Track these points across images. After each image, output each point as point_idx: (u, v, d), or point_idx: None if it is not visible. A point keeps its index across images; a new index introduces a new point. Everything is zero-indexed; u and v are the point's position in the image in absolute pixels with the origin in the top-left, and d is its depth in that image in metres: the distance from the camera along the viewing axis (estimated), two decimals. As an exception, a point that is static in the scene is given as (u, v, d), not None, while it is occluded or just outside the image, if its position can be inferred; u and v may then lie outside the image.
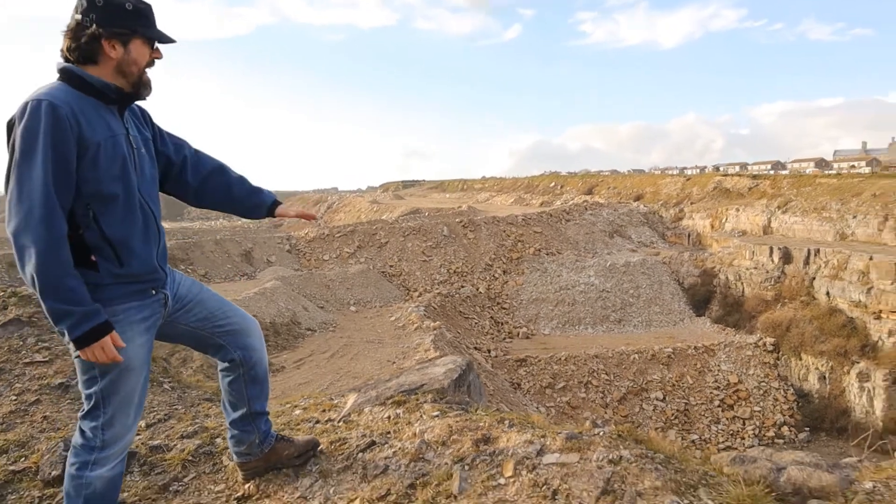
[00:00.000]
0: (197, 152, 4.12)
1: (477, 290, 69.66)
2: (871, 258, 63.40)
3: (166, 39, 3.56)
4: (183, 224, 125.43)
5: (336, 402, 5.66)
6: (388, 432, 4.69)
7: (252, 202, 4.23)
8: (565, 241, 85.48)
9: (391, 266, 70.34)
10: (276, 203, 4.25)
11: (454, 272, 72.46)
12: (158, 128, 3.93)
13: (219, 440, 4.96)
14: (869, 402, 57.88)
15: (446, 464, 4.16)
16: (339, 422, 5.09)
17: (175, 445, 4.90)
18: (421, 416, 4.85)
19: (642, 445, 4.51)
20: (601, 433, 4.49)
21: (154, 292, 3.69)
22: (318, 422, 5.22)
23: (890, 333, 59.24)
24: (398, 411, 4.99)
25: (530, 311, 69.68)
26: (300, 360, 34.12)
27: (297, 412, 5.56)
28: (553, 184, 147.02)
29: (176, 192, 4.09)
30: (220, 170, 4.16)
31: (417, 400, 5.18)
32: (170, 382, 6.65)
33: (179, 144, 4.04)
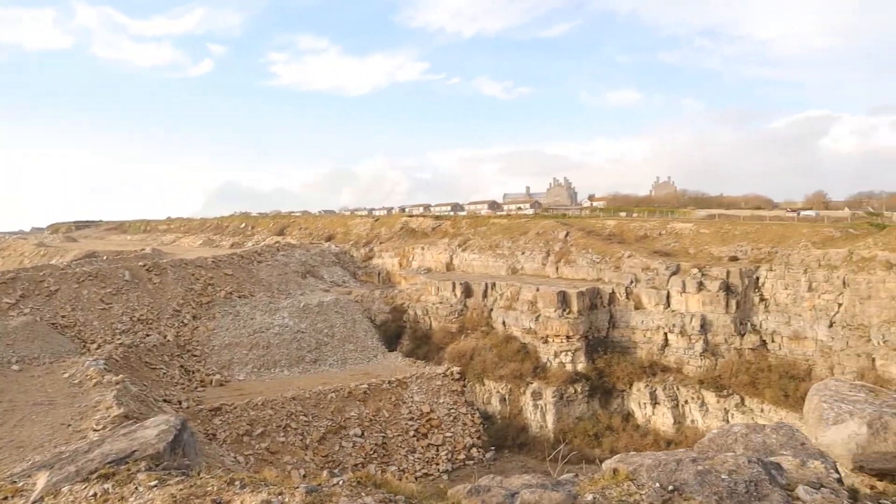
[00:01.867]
0: None
1: (164, 337, 65.17)
2: (537, 289, 71.19)
3: None
4: None
5: (21, 484, 4.57)
6: (97, 514, 3.87)
7: None
8: (258, 283, 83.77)
9: (63, 316, 62.93)
10: None
11: (138, 320, 67.05)
12: None
13: None
14: (542, 417, 64.37)
15: (175, 540, 3.51)
16: (28, 509, 4.10)
17: None
18: (136, 488, 4.09)
19: (383, 489, 4.28)
20: (340, 482, 4.19)
21: None
22: (-2, 513, 4.16)
23: (556, 355, 66.66)
24: (107, 486, 4.15)
25: (224, 357, 66.74)
26: (-55, 433, 28.85)
27: (-34, 505, 4.40)
28: (244, 224, 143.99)
29: None
30: None
31: (129, 470, 4.37)
32: None
33: None
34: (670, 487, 5.47)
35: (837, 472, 6.11)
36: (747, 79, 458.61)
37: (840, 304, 57.95)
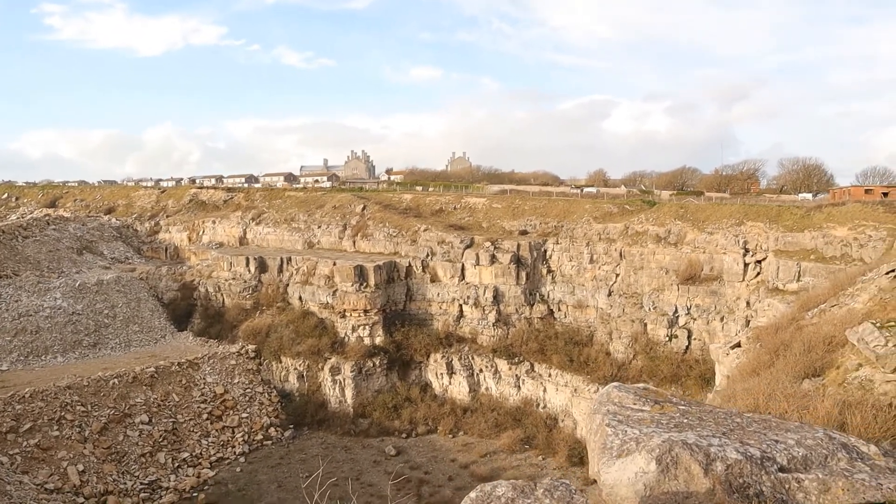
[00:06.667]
0: None
1: None
2: (334, 263, 70.21)
3: None
4: None
5: None
6: None
7: None
8: (24, 261, 75.50)
9: None
10: None
11: None
12: None
13: None
14: (341, 392, 63.86)
15: None
16: None
17: None
18: None
19: None
20: None
21: None
22: None
23: (354, 329, 66.28)
24: None
25: (-18, 345, 59.62)
26: None
27: None
28: (6, 195, 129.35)
29: None
30: None
31: None
32: None
33: None
34: None
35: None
36: (542, 62, 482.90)
37: (617, 275, 62.67)
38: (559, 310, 66.28)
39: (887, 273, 16.68)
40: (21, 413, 46.92)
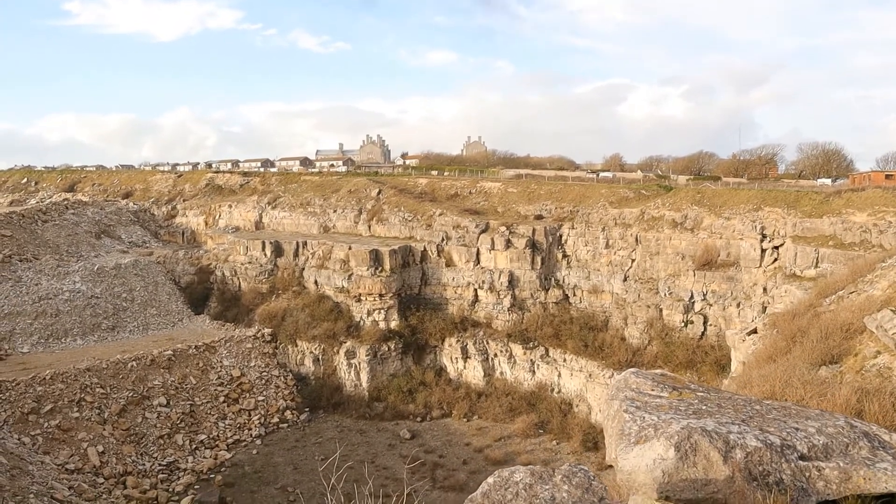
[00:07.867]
0: None
1: (-71, 308, 57.87)
2: (350, 248, 70.45)
3: None
4: None
5: None
6: None
7: None
8: (43, 245, 76.26)
9: None
10: None
11: None
12: None
13: None
14: (357, 375, 64.28)
15: None
16: None
17: None
18: None
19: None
20: None
21: None
22: None
23: (369, 313, 66.55)
24: None
25: (3, 328, 60.43)
26: None
27: None
28: (25, 180, 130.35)
29: None
30: None
31: None
32: None
33: None
34: None
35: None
36: (557, 46, 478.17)
37: (633, 260, 62.43)
38: (574, 295, 66.18)
39: (907, 260, 16.52)
40: (42, 395, 47.58)
